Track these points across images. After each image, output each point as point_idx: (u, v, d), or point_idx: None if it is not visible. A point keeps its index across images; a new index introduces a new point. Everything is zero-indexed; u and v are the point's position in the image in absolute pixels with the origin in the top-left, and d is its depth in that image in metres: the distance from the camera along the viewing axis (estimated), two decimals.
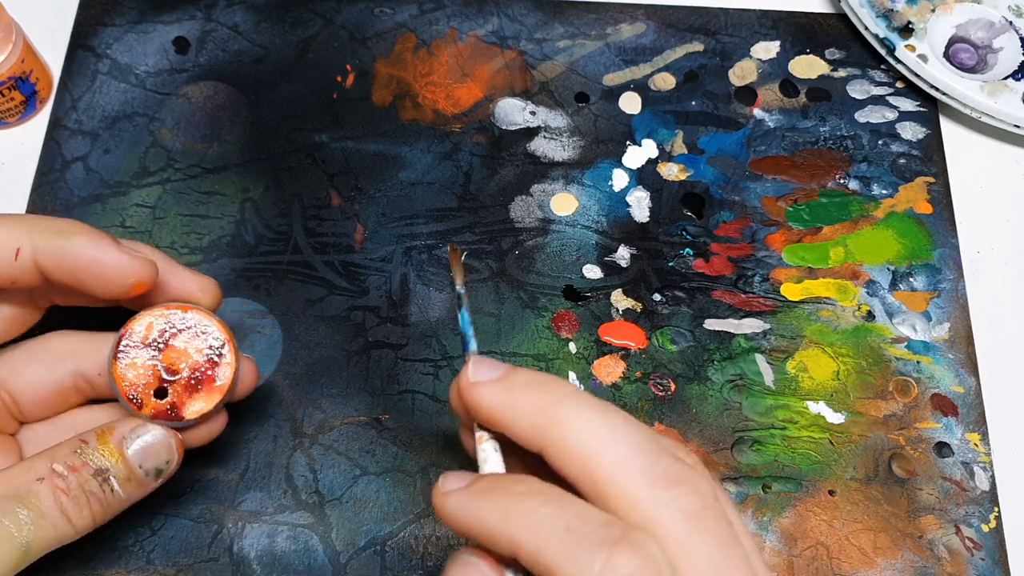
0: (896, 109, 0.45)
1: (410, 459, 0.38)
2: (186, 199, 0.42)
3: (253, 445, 0.38)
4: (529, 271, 0.41)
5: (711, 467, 0.38)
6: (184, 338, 0.32)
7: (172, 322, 0.32)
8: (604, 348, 0.40)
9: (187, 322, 0.32)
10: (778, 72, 0.46)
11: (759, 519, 0.37)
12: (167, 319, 0.32)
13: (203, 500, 0.37)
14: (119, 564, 0.35)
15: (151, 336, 0.31)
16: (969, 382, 0.40)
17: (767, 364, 0.40)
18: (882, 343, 0.40)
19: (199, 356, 0.32)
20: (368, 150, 0.43)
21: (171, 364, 0.31)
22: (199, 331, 0.32)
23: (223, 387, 0.32)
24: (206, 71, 0.45)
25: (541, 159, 0.44)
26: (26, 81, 0.42)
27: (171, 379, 0.31)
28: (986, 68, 0.46)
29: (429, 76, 0.45)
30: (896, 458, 0.38)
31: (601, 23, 0.47)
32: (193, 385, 0.32)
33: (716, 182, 0.43)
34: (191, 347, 0.32)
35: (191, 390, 0.32)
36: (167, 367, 0.31)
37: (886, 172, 0.44)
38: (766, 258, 0.42)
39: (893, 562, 0.37)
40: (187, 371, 0.32)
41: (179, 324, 0.32)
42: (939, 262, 0.42)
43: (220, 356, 0.32)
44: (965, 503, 0.38)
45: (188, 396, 0.31)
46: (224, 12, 0.46)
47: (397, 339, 0.40)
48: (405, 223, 0.42)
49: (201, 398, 0.32)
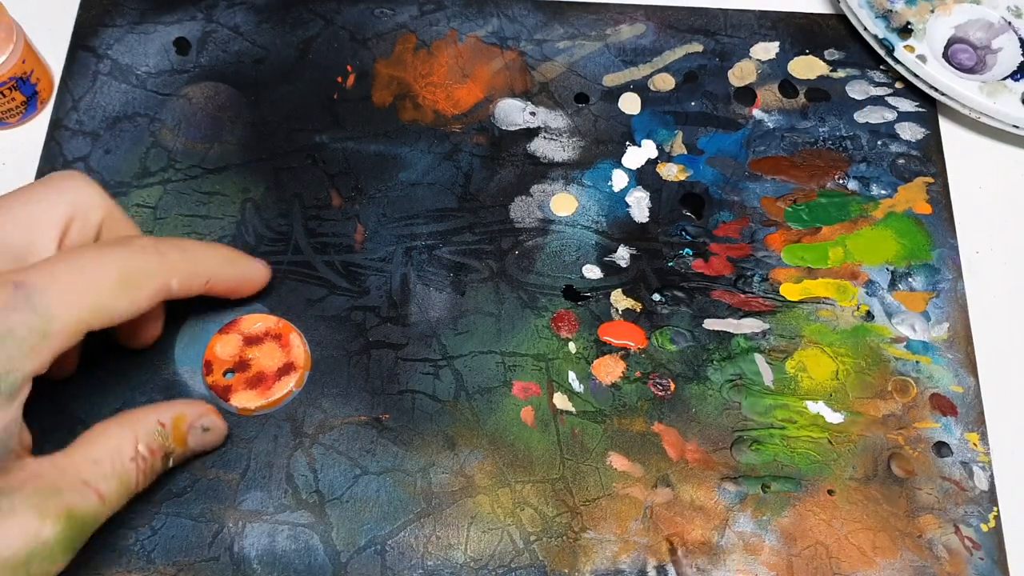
0: (895, 109, 0.45)
1: (410, 459, 0.38)
2: (187, 199, 0.42)
3: (254, 445, 0.38)
4: (529, 271, 0.41)
5: (711, 467, 0.38)
6: (271, 346, 0.38)
7: (271, 331, 0.39)
8: (604, 348, 0.40)
9: (283, 338, 0.39)
10: (777, 73, 0.46)
11: (758, 519, 0.37)
12: (269, 328, 0.39)
13: (204, 500, 0.37)
14: (119, 564, 0.36)
15: (253, 331, 0.39)
16: (968, 382, 0.40)
17: (766, 364, 0.40)
18: (881, 343, 0.40)
19: (272, 366, 0.38)
20: (368, 150, 0.43)
21: (248, 357, 0.38)
22: (288, 348, 0.38)
23: (272, 396, 0.38)
24: (207, 72, 0.45)
25: (541, 159, 0.44)
26: (27, 82, 0.42)
27: (240, 369, 0.38)
28: (985, 69, 0.46)
29: (429, 77, 0.45)
30: (895, 458, 0.38)
31: (601, 24, 0.47)
32: (253, 382, 0.38)
33: (715, 182, 0.43)
34: (271, 356, 0.38)
35: (250, 384, 0.38)
36: (244, 358, 0.38)
37: (885, 172, 0.44)
38: (765, 258, 0.42)
39: (892, 562, 0.37)
40: (255, 370, 0.38)
41: (276, 335, 0.39)
42: (938, 262, 0.42)
43: (284, 376, 0.38)
44: (964, 503, 0.38)
45: (244, 387, 0.38)
46: (225, 13, 0.46)
47: (397, 339, 0.40)
48: (405, 223, 0.42)
49: (251, 394, 0.38)
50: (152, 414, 0.34)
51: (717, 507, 0.37)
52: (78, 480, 0.30)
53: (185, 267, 0.34)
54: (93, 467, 0.31)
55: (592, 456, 0.38)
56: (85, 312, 0.30)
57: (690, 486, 0.38)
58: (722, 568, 0.36)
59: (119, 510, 0.32)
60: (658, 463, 0.38)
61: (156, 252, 0.33)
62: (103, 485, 0.31)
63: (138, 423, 0.33)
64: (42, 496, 0.29)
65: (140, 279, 0.32)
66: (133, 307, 0.32)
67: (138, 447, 0.33)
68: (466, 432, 0.38)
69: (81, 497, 0.30)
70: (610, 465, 0.38)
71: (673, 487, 0.38)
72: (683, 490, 0.38)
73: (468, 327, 0.40)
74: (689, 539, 0.37)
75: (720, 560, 0.36)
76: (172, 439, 0.34)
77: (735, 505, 0.37)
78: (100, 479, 0.31)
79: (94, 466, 0.31)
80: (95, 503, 0.31)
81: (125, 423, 0.33)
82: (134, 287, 0.32)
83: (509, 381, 0.39)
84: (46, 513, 0.29)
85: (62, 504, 0.30)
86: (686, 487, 0.38)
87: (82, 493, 0.30)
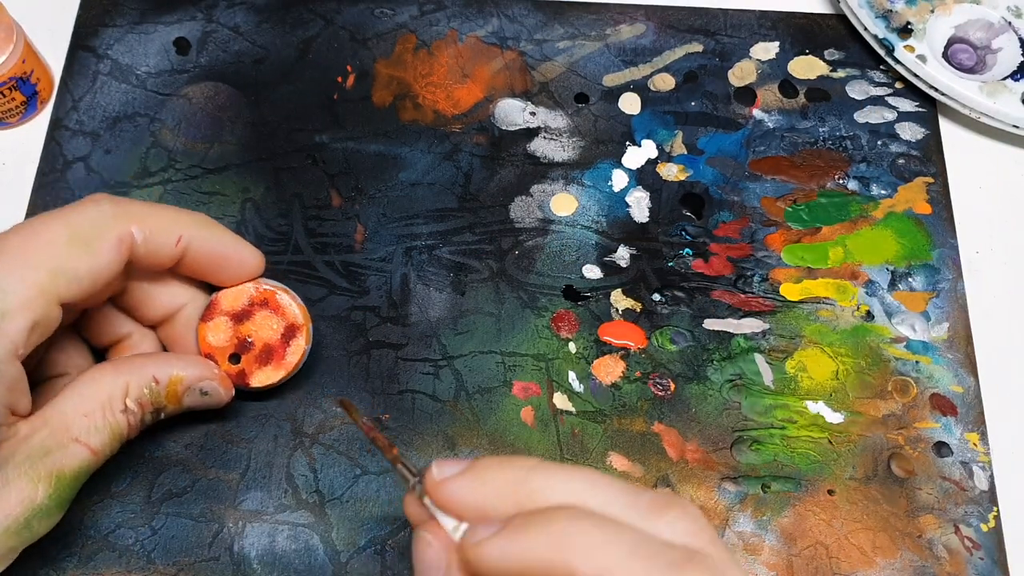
0: (895, 109, 0.45)
1: (410, 459, 0.38)
2: (187, 199, 0.42)
3: (254, 445, 0.38)
4: (529, 271, 0.41)
5: (711, 467, 0.38)
6: (263, 315, 0.36)
7: (255, 299, 0.36)
8: (604, 348, 0.40)
9: (271, 302, 0.36)
10: (777, 73, 0.46)
11: (758, 518, 0.37)
12: (251, 296, 0.36)
13: (204, 499, 0.37)
14: (119, 564, 0.36)
15: (238, 307, 0.36)
16: (968, 382, 0.40)
17: (766, 364, 0.40)
18: (881, 343, 0.40)
19: (274, 335, 0.36)
20: (368, 150, 0.43)
21: (246, 335, 0.36)
22: (282, 311, 0.36)
23: (289, 364, 0.36)
24: (207, 72, 0.45)
25: (541, 159, 0.44)
26: (27, 81, 0.42)
27: (244, 350, 0.36)
28: (985, 68, 0.46)
29: (429, 77, 0.45)
30: (895, 458, 0.38)
31: (601, 24, 0.47)
32: (263, 358, 0.36)
33: (715, 182, 0.43)
34: (268, 324, 0.36)
35: (261, 362, 0.36)
36: (241, 338, 0.36)
37: (885, 172, 0.44)
38: (765, 258, 0.42)
39: (892, 561, 0.37)
40: (259, 345, 0.36)
41: (262, 302, 0.36)
42: (938, 262, 0.42)
43: (292, 339, 0.36)
44: (964, 503, 0.38)
45: (257, 366, 0.36)
46: (225, 13, 0.46)
47: (397, 339, 0.40)
48: (405, 223, 0.42)
49: (268, 371, 0.36)
50: (149, 367, 0.33)
51: (717, 507, 0.37)
52: (68, 438, 0.30)
53: (148, 215, 0.32)
54: (84, 420, 0.31)
55: (592, 456, 0.38)
56: (43, 277, 0.29)
57: (690, 486, 0.38)
58: None
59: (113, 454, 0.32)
60: (658, 463, 0.38)
61: (110, 202, 0.31)
62: (94, 439, 0.31)
63: (132, 373, 0.32)
64: (32, 461, 0.29)
65: (94, 230, 0.30)
66: (96, 263, 0.30)
67: (127, 400, 0.32)
68: (466, 432, 0.38)
69: (71, 455, 0.30)
70: (610, 465, 0.38)
71: (673, 487, 0.38)
72: (683, 490, 0.38)
73: (468, 327, 0.40)
74: None
75: None
76: (165, 397, 0.33)
77: (735, 505, 0.37)
78: (92, 433, 0.31)
79: (85, 419, 0.31)
80: (87, 457, 0.31)
81: (120, 371, 0.32)
82: (89, 240, 0.30)
83: (509, 381, 0.39)
84: (37, 478, 0.29)
85: (52, 466, 0.30)
86: (686, 487, 0.38)
87: (72, 451, 0.30)
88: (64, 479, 0.30)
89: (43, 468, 0.30)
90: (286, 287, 0.36)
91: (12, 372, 0.29)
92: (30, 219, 0.31)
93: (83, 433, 0.31)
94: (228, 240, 0.34)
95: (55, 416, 0.31)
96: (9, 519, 0.29)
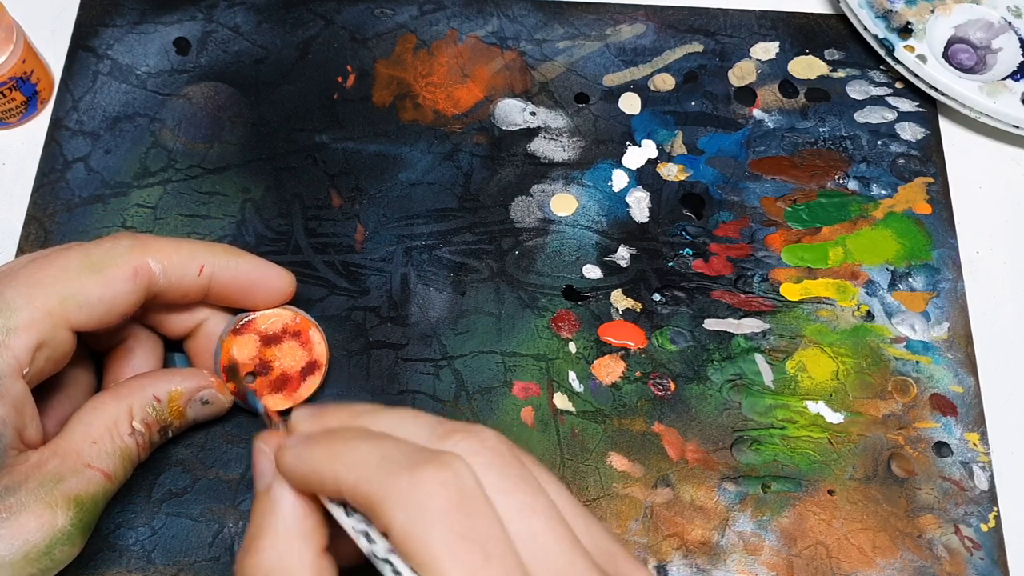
0: (895, 109, 0.45)
1: None
2: (187, 199, 0.42)
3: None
4: (529, 271, 0.41)
5: (711, 467, 0.38)
6: (291, 344, 0.37)
7: (289, 328, 0.37)
8: (604, 348, 0.40)
9: (303, 335, 0.37)
10: (777, 73, 0.46)
11: (758, 518, 0.37)
12: (286, 324, 0.37)
13: (204, 499, 0.37)
14: (119, 564, 0.36)
15: (271, 331, 0.36)
16: (968, 382, 0.40)
17: (766, 364, 0.40)
18: (881, 343, 0.40)
19: (294, 366, 0.36)
20: (368, 150, 0.43)
21: (270, 359, 0.36)
22: (310, 346, 0.37)
23: (299, 398, 0.37)
24: (207, 72, 0.45)
25: (541, 159, 0.44)
26: (27, 82, 0.42)
27: (263, 372, 0.36)
28: (985, 68, 0.46)
29: (429, 77, 0.45)
30: (895, 458, 0.38)
31: (601, 24, 0.47)
32: (277, 385, 0.36)
33: (715, 182, 0.43)
34: (292, 355, 0.36)
35: (274, 388, 0.36)
36: (265, 360, 0.36)
37: (885, 172, 0.44)
38: (765, 258, 0.42)
39: (892, 561, 0.37)
40: (278, 371, 0.36)
41: (295, 332, 0.37)
42: (938, 262, 0.42)
43: (309, 375, 0.37)
44: (964, 503, 0.38)
45: (269, 391, 0.36)
46: (225, 13, 0.46)
47: (397, 339, 0.40)
48: (405, 223, 0.42)
49: (277, 398, 0.36)
50: (148, 387, 0.33)
51: (717, 507, 0.37)
52: (80, 464, 0.31)
53: (165, 247, 0.33)
54: (93, 447, 0.31)
55: (592, 456, 0.38)
56: (53, 301, 0.30)
57: (690, 486, 0.38)
58: (722, 568, 0.36)
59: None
60: (658, 463, 0.38)
61: (129, 237, 0.32)
62: (107, 464, 0.31)
63: (133, 396, 0.33)
64: (46, 487, 0.29)
65: (108, 260, 0.31)
66: (108, 291, 0.31)
67: (133, 423, 0.32)
68: None
69: (86, 480, 0.30)
70: (610, 465, 0.38)
71: (673, 487, 0.38)
72: (683, 490, 0.38)
73: (468, 327, 0.40)
74: (689, 539, 0.37)
75: (720, 560, 0.36)
76: (168, 413, 0.34)
77: (735, 505, 0.37)
78: (103, 458, 0.31)
79: (94, 446, 0.31)
80: (102, 482, 0.31)
81: (120, 396, 0.33)
82: (102, 268, 0.31)
83: (509, 381, 0.39)
84: (55, 503, 0.29)
85: (68, 491, 0.30)
86: (686, 487, 0.38)
87: (86, 476, 0.31)
88: (84, 503, 0.30)
89: (59, 493, 0.30)
90: (319, 324, 0.37)
91: (17, 390, 0.29)
92: (49, 248, 0.32)
93: (95, 459, 0.31)
94: (253, 266, 0.35)
95: (64, 445, 0.31)
96: (28, 544, 0.29)
